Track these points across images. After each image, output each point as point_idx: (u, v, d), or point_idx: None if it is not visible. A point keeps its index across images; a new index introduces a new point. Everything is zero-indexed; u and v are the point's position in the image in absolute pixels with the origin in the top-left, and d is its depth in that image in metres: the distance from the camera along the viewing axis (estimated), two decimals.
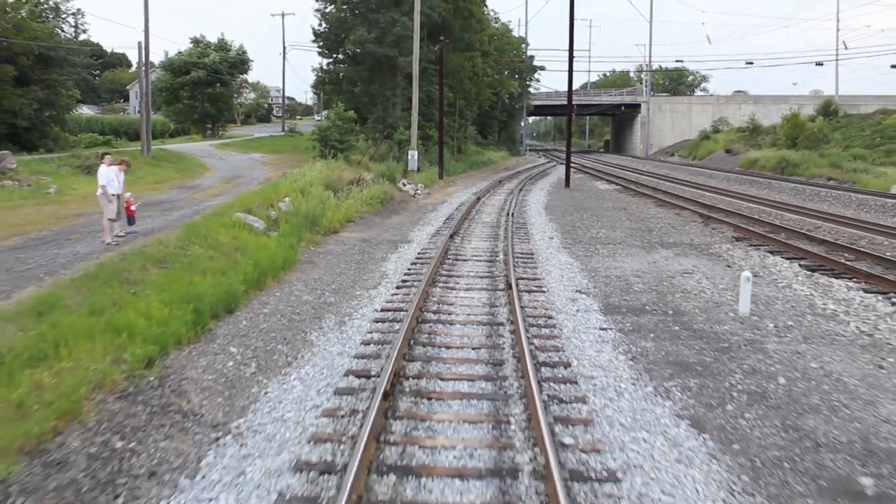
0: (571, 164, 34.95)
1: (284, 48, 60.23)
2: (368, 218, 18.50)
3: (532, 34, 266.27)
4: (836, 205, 26.42)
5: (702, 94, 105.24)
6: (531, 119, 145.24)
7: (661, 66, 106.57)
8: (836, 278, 11.66)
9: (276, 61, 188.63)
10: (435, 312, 8.86)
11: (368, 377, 6.45)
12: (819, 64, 66.66)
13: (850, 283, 11.25)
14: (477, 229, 17.00)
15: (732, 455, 5.17)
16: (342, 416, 5.60)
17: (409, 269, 11.70)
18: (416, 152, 30.16)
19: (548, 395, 6.08)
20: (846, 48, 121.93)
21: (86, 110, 64.67)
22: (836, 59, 69.41)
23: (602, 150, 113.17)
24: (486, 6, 51.26)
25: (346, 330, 8.12)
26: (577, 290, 10.44)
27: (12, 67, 25.47)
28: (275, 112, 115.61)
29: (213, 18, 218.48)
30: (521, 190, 29.39)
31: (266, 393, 6.20)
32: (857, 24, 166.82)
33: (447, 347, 7.46)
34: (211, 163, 33.30)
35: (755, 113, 70.31)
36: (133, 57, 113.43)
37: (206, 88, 55.65)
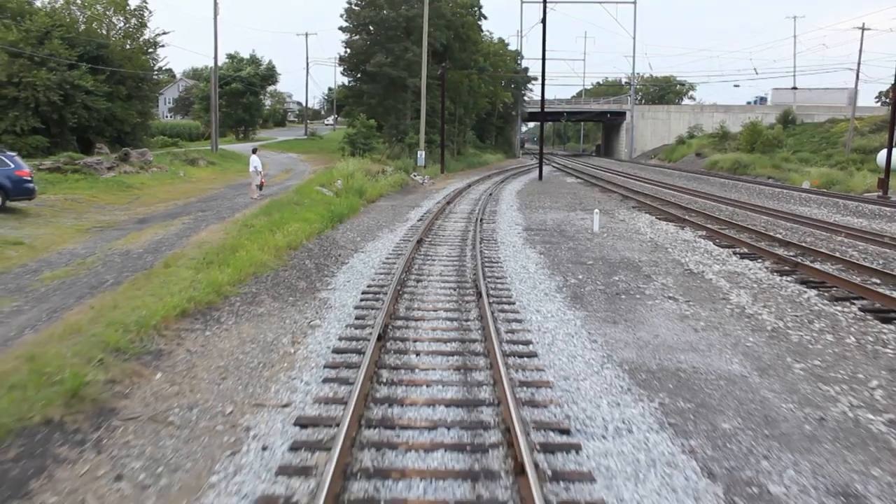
0: (555, 165, 43.83)
1: (308, 64, 69.19)
2: (392, 195, 27.34)
3: (530, 44, 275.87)
4: (744, 193, 34.84)
5: (689, 102, 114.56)
6: (532, 124, 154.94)
7: (651, 75, 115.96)
8: (664, 221, 20.44)
9: (290, 68, 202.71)
10: (437, 229, 17.71)
11: (410, 241, 15.23)
12: (736, 85, 76.52)
13: (669, 223, 20.04)
14: (464, 201, 25.85)
15: (548, 258, 13.93)
16: (401, 249, 14.41)
17: (422, 216, 20.52)
18: (423, 152, 38.93)
19: (483, 248, 14.86)
20: (756, 73, 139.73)
21: None
22: (794, 75, 78.30)
23: (594, 153, 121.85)
24: (483, 30, 60.23)
25: (395, 232, 16.98)
26: (515, 224, 19.27)
27: (124, 87, 34.37)
28: (288, 117, 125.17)
29: (235, 27, 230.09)
30: (503, 181, 38.29)
31: (368, 243, 15.04)
32: (815, 44, 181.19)
33: (443, 236, 16.33)
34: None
35: (725, 121, 78.61)
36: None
37: (241, 98, 64.61)
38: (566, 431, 5.60)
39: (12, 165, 16.42)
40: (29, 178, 16.72)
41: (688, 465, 5.26)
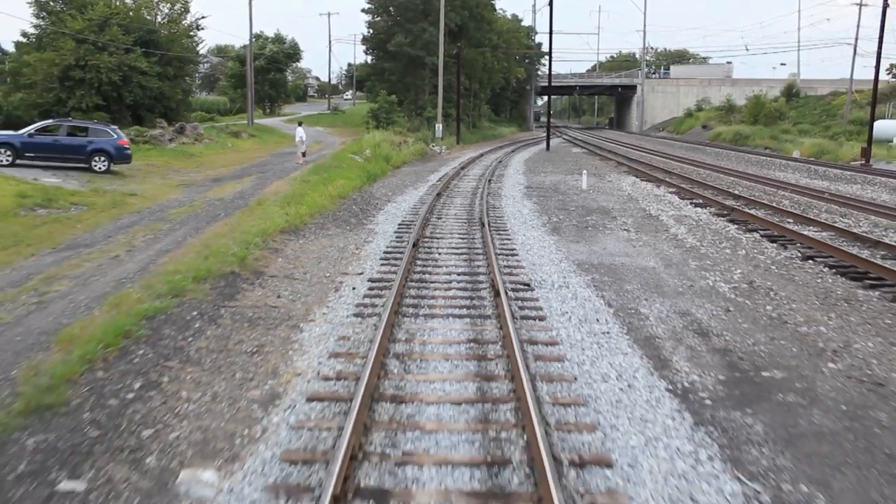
0: (566, 138, 47.28)
1: (330, 43, 72.71)
2: (414, 162, 31.16)
3: (544, 19, 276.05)
4: (732, 161, 38.05)
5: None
6: (546, 97, 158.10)
7: (665, 49, 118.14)
8: (646, 182, 24.10)
9: (310, 45, 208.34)
10: (453, 187, 21.57)
11: (431, 194, 19.07)
12: (729, 62, 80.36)
13: (648, 182, 23.70)
14: (477, 167, 29.64)
15: (540, 206, 17.73)
16: (424, 200, 18.27)
17: (440, 178, 24.35)
18: (440, 125, 42.57)
19: (489, 199, 18.68)
20: (747, 50, 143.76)
21: None
22: (798, 49, 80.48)
23: (606, 126, 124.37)
24: (496, 9, 63.31)
25: (418, 189, 20.84)
26: (518, 183, 23.06)
27: (171, 68, 38.27)
28: (308, 92, 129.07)
29: (260, 11, 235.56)
30: (513, 151, 41.95)
31: (398, 196, 18.91)
32: (819, 19, 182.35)
33: (458, 191, 20.19)
34: (292, 133, 46.05)
35: (732, 94, 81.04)
36: None
37: (267, 75, 68.26)
38: (527, 284, 9.50)
39: (115, 136, 20.44)
40: (127, 147, 20.73)
41: (597, 301, 9.12)
